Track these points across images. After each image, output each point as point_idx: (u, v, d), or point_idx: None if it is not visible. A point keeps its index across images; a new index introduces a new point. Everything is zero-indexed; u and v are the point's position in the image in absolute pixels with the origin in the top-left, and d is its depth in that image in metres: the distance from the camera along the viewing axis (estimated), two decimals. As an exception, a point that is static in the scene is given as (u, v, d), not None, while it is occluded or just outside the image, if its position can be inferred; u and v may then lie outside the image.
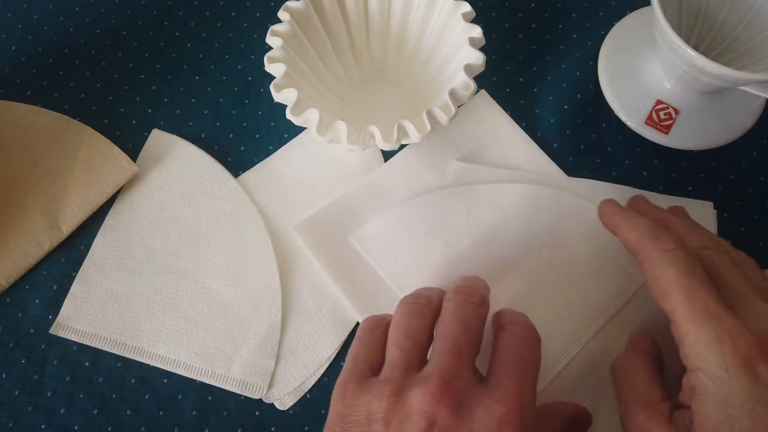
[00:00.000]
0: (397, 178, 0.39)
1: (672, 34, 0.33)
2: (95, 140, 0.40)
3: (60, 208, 0.39)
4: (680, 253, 0.28)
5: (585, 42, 0.43)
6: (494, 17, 0.44)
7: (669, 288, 0.27)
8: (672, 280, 0.27)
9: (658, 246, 0.29)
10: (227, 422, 0.35)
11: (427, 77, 0.40)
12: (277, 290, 0.37)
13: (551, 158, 0.40)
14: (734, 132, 0.39)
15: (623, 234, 0.31)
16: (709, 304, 0.26)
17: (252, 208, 0.39)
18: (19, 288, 0.38)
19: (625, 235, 0.31)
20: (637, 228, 0.30)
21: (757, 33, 0.37)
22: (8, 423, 0.35)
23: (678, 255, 0.28)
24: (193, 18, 0.44)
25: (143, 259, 0.38)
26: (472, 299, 0.29)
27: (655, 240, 0.29)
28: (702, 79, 0.35)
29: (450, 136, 0.40)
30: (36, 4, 0.45)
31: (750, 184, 0.40)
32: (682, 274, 0.27)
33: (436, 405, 0.25)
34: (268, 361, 0.36)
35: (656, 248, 0.29)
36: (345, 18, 0.40)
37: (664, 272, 0.28)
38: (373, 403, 0.26)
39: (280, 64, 0.36)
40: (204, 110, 0.42)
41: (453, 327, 0.28)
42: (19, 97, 0.42)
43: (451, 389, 0.25)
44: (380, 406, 0.25)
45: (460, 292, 0.30)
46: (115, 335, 0.37)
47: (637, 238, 0.30)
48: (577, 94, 0.42)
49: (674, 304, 0.27)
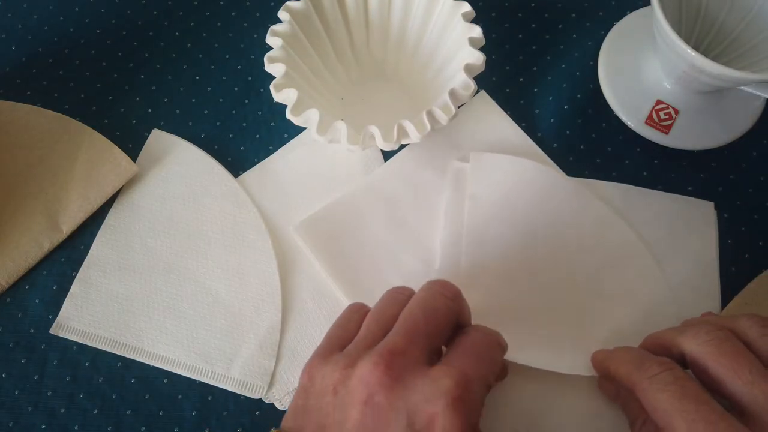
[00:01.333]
0: (397, 178, 0.39)
1: (672, 34, 0.33)
2: (95, 140, 0.40)
3: (60, 208, 0.39)
4: (667, 375, 0.28)
5: (585, 42, 0.43)
6: (494, 17, 0.44)
7: (668, 417, 0.27)
8: (667, 407, 0.27)
9: (644, 374, 0.28)
10: (227, 422, 0.35)
11: (427, 77, 0.40)
12: (277, 290, 0.37)
13: (551, 158, 0.40)
14: (734, 132, 0.39)
15: (614, 373, 0.31)
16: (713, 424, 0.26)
17: (252, 208, 0.39)
18: (20, 288, 0.38)
19: (616, 374, 0.31)
20: (623, 362, 0.31)
21: (757, 33, 0.37)
22: (8, 423, 0.35)
23: (665, 378, 0.28)
24: (193, 18, 0.44)
25: (143, 259, 0.38)
26: (445, 292, 0.29)
27: (641, 368, 0.29)
28: (702, 79, 0.35)
29: (450, 136, 0.40)
30: (36, 5, 0.45)
31: (750, 184, 0.40)
32: (675, 398, 0.27)
33: (378, 378, 0.25)
34: (268, 361, 0.36)
35: (644, 377, 0.28)
36: (345, 18, 0.40)
37: (658, 400, 0.27)
38: (327, 375, 0.27)
39: (280, 64, 0.36)
40: (204, 110, 0.42)
41: (415, 312, 0.28)
42: (19, 97, 0.42)
43: (393, 362, 0.25)
44: (333, 377, 0.26)
45: (435, 284, 0.30)
46: (115, 335, 0.37)
47: (626, 372, 0.30)
48: (577, 94, 0.42)
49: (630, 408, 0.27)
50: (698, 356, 0.29)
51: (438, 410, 0.24)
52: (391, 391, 0.25)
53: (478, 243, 0.37)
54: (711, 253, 0.37)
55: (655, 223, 0.38)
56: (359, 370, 0.26)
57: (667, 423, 0.27)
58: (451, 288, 0.29)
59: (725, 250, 0.38)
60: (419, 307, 0.28)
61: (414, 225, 0.38)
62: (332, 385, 0.26)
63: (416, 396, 0.25)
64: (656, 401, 0.27)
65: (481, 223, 0.37)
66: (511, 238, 0.37)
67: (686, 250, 0.37)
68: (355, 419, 0.25)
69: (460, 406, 0.24)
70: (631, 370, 0.29)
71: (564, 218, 0.37)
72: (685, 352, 0.30)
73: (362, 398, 0.25)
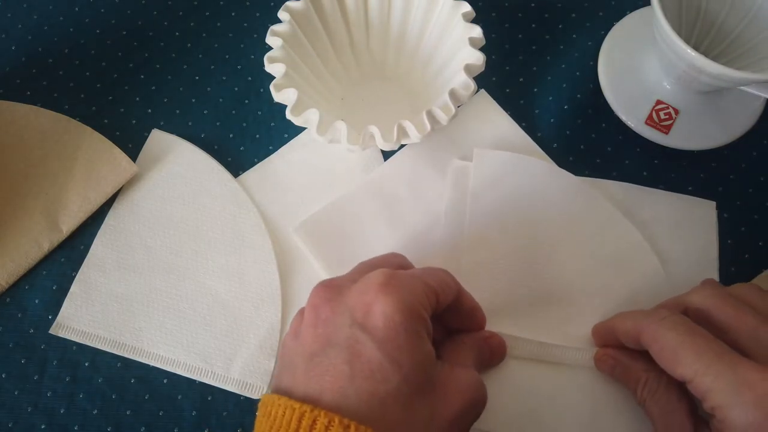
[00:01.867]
0: (396, 178, 0.39)
1: (672, 34, 0.33)
2: (95, 140, 0.40)
3: (60, 208, 0.39)
4: (676, 317, 0.29)
5: (585, 42, 0.43)
6: (494, 17, 0.44)
7: (676, 352, 0.28)
8: (677, 342, 0.28)
9: (653, 319, 0.30)
10: (227, 422, 0.35)
11: (427, 77, 0.40)
12: (277, 290, 0.37)
13: (551, 158, 0.40)
14: (734, 132, 0.39)
15: (620, 329, 0.32)
16: (720, 356, 0.27)
17: (252, 208, 0.39)
18: (19, 288, 0.38)
19: (621, 328, 0.32)
20: (629, 316, 0.32)
21: (757, 33, 0.37)
22: (8, 423, 0.35)
23: (675, 320, 0.29)
24: (193, 18, 0.44)
25: (143, 259, 0.38)
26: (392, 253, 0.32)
27: (648, 315, 0.30)
28: (702, 79, 0.35)
29: (450, 135, 0.40)
30: (36, 4, 0.45)
31: (750, 184, 0.40)
32: (685, 334, 0.28)
33: (318, 295, 0.28)
34: (267, 361, 0.36)
35: (652, 321, 0.30)
36: (345, 18, 0.40)
37: (667, 338, 0.28)
38: (290, 330, 0.29)
39: (280, 64, 0.36)
40: (204, 110, 0.42)
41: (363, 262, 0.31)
42: (19, 97, 0.42)
43: (330, 283, 0.29)
44: (293, 325, 0.29)
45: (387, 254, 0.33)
46: (114, 335, 0.37)
47: (632, 322, 0.31)
48: (577, 94, 0.42)
49: (686, 364, 0.27)
50: (702, 307, 0.30)
51: (373, 297, 0.26)
52: (332, 302, 0.27)
53: (479, 240, 0.37)
54: (712, 253, 0.37)
55: (657, 222, 0.38)
56: (307, 303, 0.28)
57: (675, 356, 0.28)
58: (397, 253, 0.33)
59: (725, 250, 0.38)
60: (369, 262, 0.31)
61: (414, 225, 0.38)
62: (293, 331, 0.29)
63: (352, 296, 0.27)
64: (664, 339, 0.28)
65: (483, 221, 0.37)
66: (513, 235, 0.37)
67: (687, 250, 0.37)
68: (310, 339, 0.27)
69: (391, 288, 0.26)
70: (639, 319, 0.31)
71: (567, 216, 0.37)
72: (689, 305, 0.30)
73: (312, 321, 0.27)
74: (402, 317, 0.26)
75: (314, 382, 0.25)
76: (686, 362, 0.27)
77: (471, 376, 0.29)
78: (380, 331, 0.26)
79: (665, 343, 0.28)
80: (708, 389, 0.27)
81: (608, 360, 0.34)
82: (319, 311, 0.27)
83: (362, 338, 0.25)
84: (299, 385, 0.26)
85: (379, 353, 0.25)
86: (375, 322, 0.26)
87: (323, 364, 0.26)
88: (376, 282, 0.27)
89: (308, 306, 0.28)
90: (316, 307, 0.27)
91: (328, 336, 0.26)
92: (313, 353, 0.26)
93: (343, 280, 0.29)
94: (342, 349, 0.25)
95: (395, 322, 0.26)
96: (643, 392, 0.31)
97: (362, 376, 0.25)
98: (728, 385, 0.26)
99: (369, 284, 0.27)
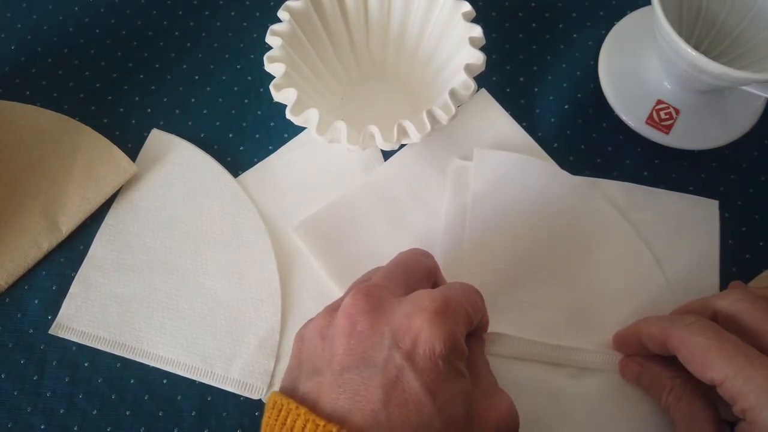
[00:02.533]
0: (397, 178, 0.39)
1: (672, 34, 0.33)
2: (95, 140, 0.40)
3: (59, 208, 0.38)
4: (704, 322, 0.29)
5: (585, 42, 0.43)
6: (494, 17, 0.44)
7: (706, 356, 0.28)
8: (705, 347, 0.28)
9: (680, 324, 0.30)
10: (227, 423, 0.35)
11: (427, 77, 0.40)
12: (277, 290, 0.37)
13: (551, 158, 0.40)
14: (735, 132, 0.39)
15: (645, 333, 0.32)
16: (751, 360, 0.27)
17: (252, 208, 0.39)
18: (19, 288, 0.38)
19: (647, 333, 0.32)
20: (655, 322, 0.32)
21: (757, 33, 0.37)
22: (7, 423, 0.35)
23: (702, 325, 0.29)
24: (192, 18, 0.44)
25: (142, 259, 0.38)
26: (419, 251, 0.31)
27: (675, 321, 0.30)
28: (702, 79, 0.34)
29: (450, 135, 0.40)
30: (36, 4, 0.45)
31: (751, 183, 0.40)
32: (713, 339, 0.28)
33: (357, 305, 0.26)
34: (267, 361, 0.36)
35: (680, 326, 0.30)
36: (345, 18, 0.40)
37: (696, 343, 0.28)
38: (313, 326, 0.28)
39: (279, 64, 0.35)
40: (203, 110, 0.42)
41: (393, 262, 0.30)
42: (19, 97, 0.42)
43: (371, 291, 0.27)
44: (318, 324, 0.27)
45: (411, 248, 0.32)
46: (114, 336, 0.36)
47: (658, 328, 0.31)
48: (578, 93, 0.42)
49: (716, 368, 0.27)
50: (732, 312, 0.30)
51: (420, 324, 0.25)
52: (372, 316, 0.26)
53: (479, 241, 0.37)
54: (713, 253, 0.37)
55: (659, 221, 0.38)
56: (341, 308, 0.26)
57: (704, 360, 0.28)
58: (425, 251, 0.31)
59: (726, 250, 0.38)
60: (396, 259, 0.30)
61: (414, 225, 0.38)
62: (318, 331, 0.27)
63: (397, 317, 0.25)
64: (693, 344, 0.28)
65: (483, 221, 0.37)
66: (514, 235, 0.37)
67: (689, 249, 0.37)
68: (342, 350, 0.25)
69: (441, 318, 0.25)
70: (665, 324, 0.30)
71: (567, 217, 0.37)
72: (718, 310, 0.30)
73: (346, 330, 0.26)
74: (447, 351, 0.25)
75: (343, 400, 0.24)
76: (716, 366, 0.27)
77: (506, 405, 0.28)
78: (422, 361, 0.25)
79: (694, 348, 0.28)
80: (739, 392, 0.27)
81: (635, 367, 0.34)
82: (356, 322, 0.26)
83: (402, 365, 0.24)
84: (325, 398, 0.24)
85: (417, 383, 0.24)
86: (419, 351, 0.25)
87: (355, 382, 0.24)
88: (429, 309, 0.25)
89: (344, 312, 0.26)
90: (352, 316, 0.26)
91: (364, 353, 0.25)
92: (345, 367, 0.25)
93: (382, 289, 0.27)
94: (378, 371, 0.24)
95: (440, 355, 0.25)
96: (668, 399, 0.31)
97: (396, 403, 0.24)
98: (759, 387, 0.26)
99: (419, 308, 0.25)
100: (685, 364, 0.29)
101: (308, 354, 0.27)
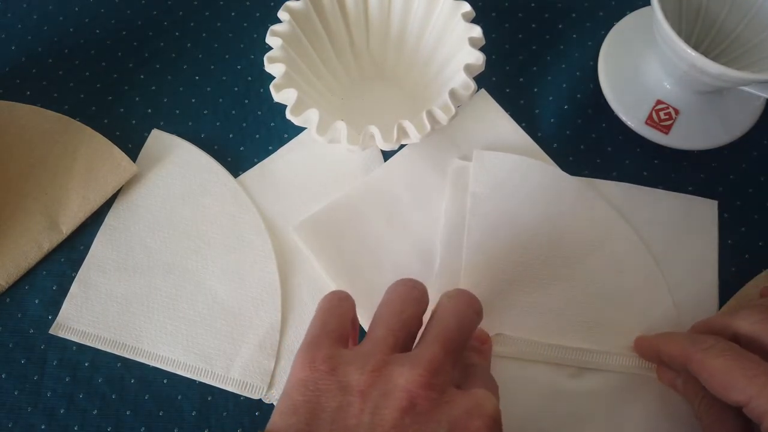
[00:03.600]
0: (396, 178, 0.39)
1: (672, 34, 0.33)
2: (95, 140, 0.40)
3: (59, 208, 0.38)
4: (722, 344, 0.29)
5: (585, 42, 0.43)
6: (494, 17, 0.44)
7: (727, 378, 0.28)
8: (726, 369, 0.28)
9: (699, 347, 0.29)
10: (227, 422, 0.35)
11: (427, 77, 0.40)
12: (277, 290, 0.37)
13: (551, 158, 0.40)
14: (734, 132, 0.39)
15: (665, 352, 0.32)
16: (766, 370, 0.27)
17: (252, 208, 0.39)
18: (19, 288, 0.38)
19: (667, 352, 0.32)
20: (674, 341, 0.32)
21: (757, 33, 0.37)
22: (8, 423, 0.35)
23: (722, 347, 0.29)
24: (192, 18, 0.44)
25: (143, 259, 0.38)
26: (474, 305, 0.29)
27: (695, 343, 0.30)
28: (702, 79, 0.35)
29: (450, 135, 0.40)
30: (36, 4, 0.45)
31: (750, 183, 0.40)
32: (733, 360, 0.28)
33: (422, 387, 0.25)
34: (267, 361, 0.36)
35: (698, 349, 0.29)
36: (345, 18, 0.40)
37: (716, 366, 0.28)
38: (352, 374, 0.25)
39: (280, 64, 0.36)
40: (204, 110, 0.42)
41: (450, 322, 0.28)
42: (19, 97, 0.42)
43: (437, 376, 0.25)
44: (361, 378, 0.25)
45: (463, 294, 0.29)
46: (114, 335, 0.37)
47: (678, 348, 0.31)
48: (577, 94, 0.42)
49: (739, 390, 0.27)
50: (753, 334, 0.30)
51: (480, 425, 0.24)
52: (433, 402, 0.24)
53: (479, 242, 0.37)
54: (712, 253, 0.37)
55: (658, 221, 0.38)
56: (401, 378, 0.25)
57: (727, 382, 0.28)
58: (477, 302, 0.29)
59: (725, 250, 0.38)
60: (454, 317, 0.28)
61: (414, 225, 0.38)
62: (359, 387, 0.25)
63: (457, 410, 0.25)
64: (713, 367, 0.28)
65: (483, 222, 0.37)
66: (513, 237, 0.37)
67: (688, 249, 0.37)
68: (391, 425, 0.24)
69: (498, 426, 0.25)
70: (685, 346, 0.30)
71: (567, 218, 0.37)
72: (739, 333, 0.30)
73: (402, 405, 0.24)
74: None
75: None
76: (739, 387, 0.27)
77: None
78: None
79: (714, 371, 0.28)
80: (764, 411, 0.26)
81: (670, 376, 0.33)
82: (416, 403, 0.24)
83: None
84: None
85: None
86: None
87: None
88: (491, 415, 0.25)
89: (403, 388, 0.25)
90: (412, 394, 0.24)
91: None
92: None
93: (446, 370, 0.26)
94: None
95: None
96: (701, 405, 0.31)
97: None
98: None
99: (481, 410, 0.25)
100: (708, 388, 0.29)
101: (332, 403, 0.25)
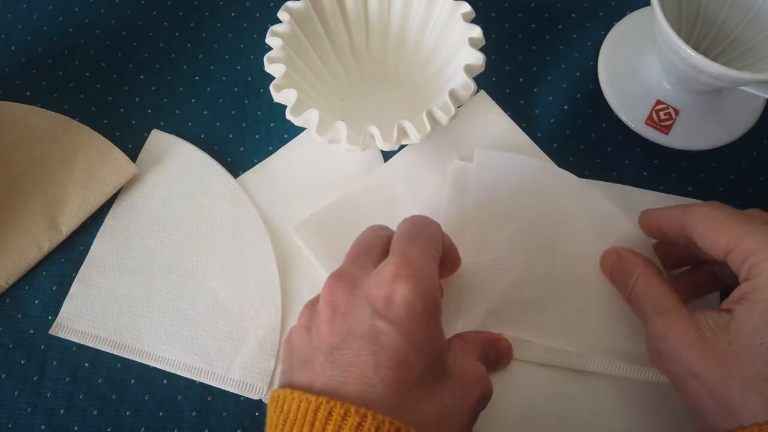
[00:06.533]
0: (396, 178, 0.39)
1: (672, 34, 0.33)
2: (95, 141, 0.40)
3: (59, 208, 0.38)
4: (715, 202, 0.31)
5: (585, 42, 0.43)
6: (494, 17, 0.44)
7: (723, 223, 0.29)
8: (724, 216, 0.29)
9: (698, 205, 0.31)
10: (227, 423, 0.35)
11: (427, 77, 0.40)
12: (277, 290, 0.37)
13: (551, 158, 0.40)
14: (734, 132, 0.39)
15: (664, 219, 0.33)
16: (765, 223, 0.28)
17: (252, 208, 0.39)
18: (19, 289, 0.38)
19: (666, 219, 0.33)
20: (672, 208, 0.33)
21: (757, 33, 0.37)
22: (8, 424, 0.35)
23: (719, 204, 0.31)
24: (192, 18, 0.44)
25: (143, 259, 0.38)
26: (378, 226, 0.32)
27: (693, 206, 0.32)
28: (702, 79, 0.35)
29: (450, 136, 0.40)
30: (36, 4, 0.45)
31: (750, 184, 0.40)
32: (730, 211, 0.30)
33: (333, 289, 0.27)
34: (267, 361, 0.36)
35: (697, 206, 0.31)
36: (345, 18, 0.40)
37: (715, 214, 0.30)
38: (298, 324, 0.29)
39: (279, 65, 0.36)
40: (203, 110, 0.42)
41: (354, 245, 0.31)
42: (19, 97, 0.42)
43: (343, 275, 0.28)
44: (302, 320, 0.29)
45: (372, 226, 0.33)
46: (114, 336, 0.37)
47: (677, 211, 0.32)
48: (577, 94, 0.42)
49: (731, 233, 0.29)
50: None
51: (390, 287, 0.26)
52: (349, 294, 0.27)
53: (479, 241, 0.37)
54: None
55: None
56: (321, 298, 0.28)
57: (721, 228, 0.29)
58: (381, 224, 0.32)
59: (725, 250, 0.38)
60: (356, 241, 0.32)
61: (414, 225, 0.38)
62: (303, 327, 0.28)
63: (370, 289, 0.27)
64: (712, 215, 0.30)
65: (483, 221, 0.37)
66: (514, 236, 0.37)
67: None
68: (328, 333, 0.26)
69: (406, 277, 0.26)
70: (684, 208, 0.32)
71: (568, 217, 0.37)
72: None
73: (329, 315, 0.27)
74: (423, 305, 0.26)
75: (336, 375, 0.25)
76: (732, 230, 0.28)
77: (481, 368, 0.30)
78: (404, 320, 0.26)
79: (713, 218, 0.30)
80: (749, 249, 0.28)
81: (612, 256, 0.35)
82: (336, 304, 0.27)
83: (386, 329, 0.25)
84: (319, 377, 0.25)
85: (405, 343, 0.25)
86: (398, 312, 0.26)
87: (346, 355, 0.25)
88: (392, 272, 0.27)
89: (324, 300, 0.28)
90: (332, 301, 0.27)
91: (349, 328, 0.26)
92: (333, 346, 0.26)
93: (353, 270, 0.28)
94: (366, 340, 0.25)
95: (418, 312, 0.26)
96: (636, 281, 0.32)
97: (388, 365, 0.25)
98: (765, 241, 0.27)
99: (385, 276, 0.27)
100: (700, 238, 0.30)
101: (298, 351, 0.28)
